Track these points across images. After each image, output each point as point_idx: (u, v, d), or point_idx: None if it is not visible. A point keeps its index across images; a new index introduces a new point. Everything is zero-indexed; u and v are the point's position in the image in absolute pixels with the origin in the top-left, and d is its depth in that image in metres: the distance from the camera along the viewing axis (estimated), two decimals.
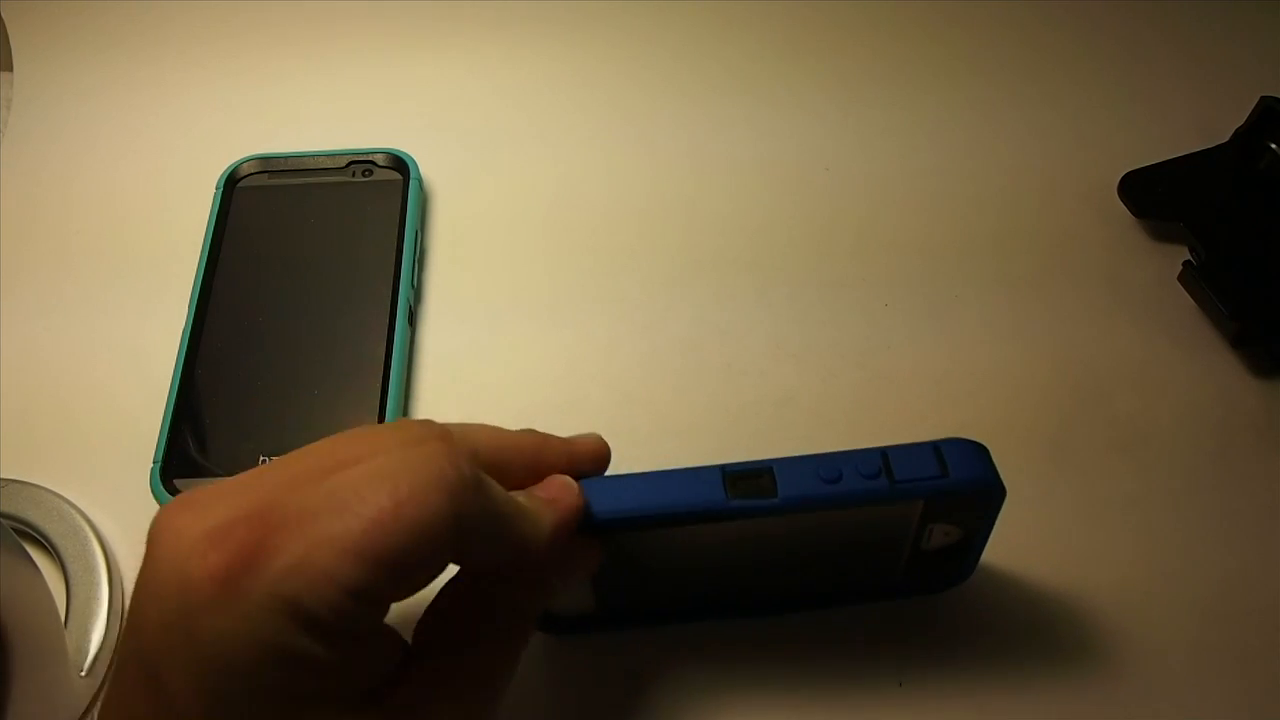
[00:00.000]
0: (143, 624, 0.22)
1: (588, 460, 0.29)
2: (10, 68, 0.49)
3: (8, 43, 0.49)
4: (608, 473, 0.29)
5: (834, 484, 0.27)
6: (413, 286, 0.40)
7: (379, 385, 0.37)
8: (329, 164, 0.43)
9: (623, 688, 0.32)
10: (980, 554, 0.32)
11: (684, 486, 0.27)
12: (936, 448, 0.28)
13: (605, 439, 0.29)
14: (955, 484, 0.27)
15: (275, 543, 0.21)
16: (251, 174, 0.43)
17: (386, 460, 0.23)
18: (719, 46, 0.50)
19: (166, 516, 0.23)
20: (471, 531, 0.23)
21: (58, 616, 0.32)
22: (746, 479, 0.27)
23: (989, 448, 0.29)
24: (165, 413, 0.37)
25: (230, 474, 0.35)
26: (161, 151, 0.46)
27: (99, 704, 0.23)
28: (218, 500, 0.22)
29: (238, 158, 0.43)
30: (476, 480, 0.24)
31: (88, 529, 0.35)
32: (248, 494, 0.22)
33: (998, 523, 0.30)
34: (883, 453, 0.27)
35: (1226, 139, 0.44)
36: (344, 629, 0.22)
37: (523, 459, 0.27)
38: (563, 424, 0.30)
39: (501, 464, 0.26)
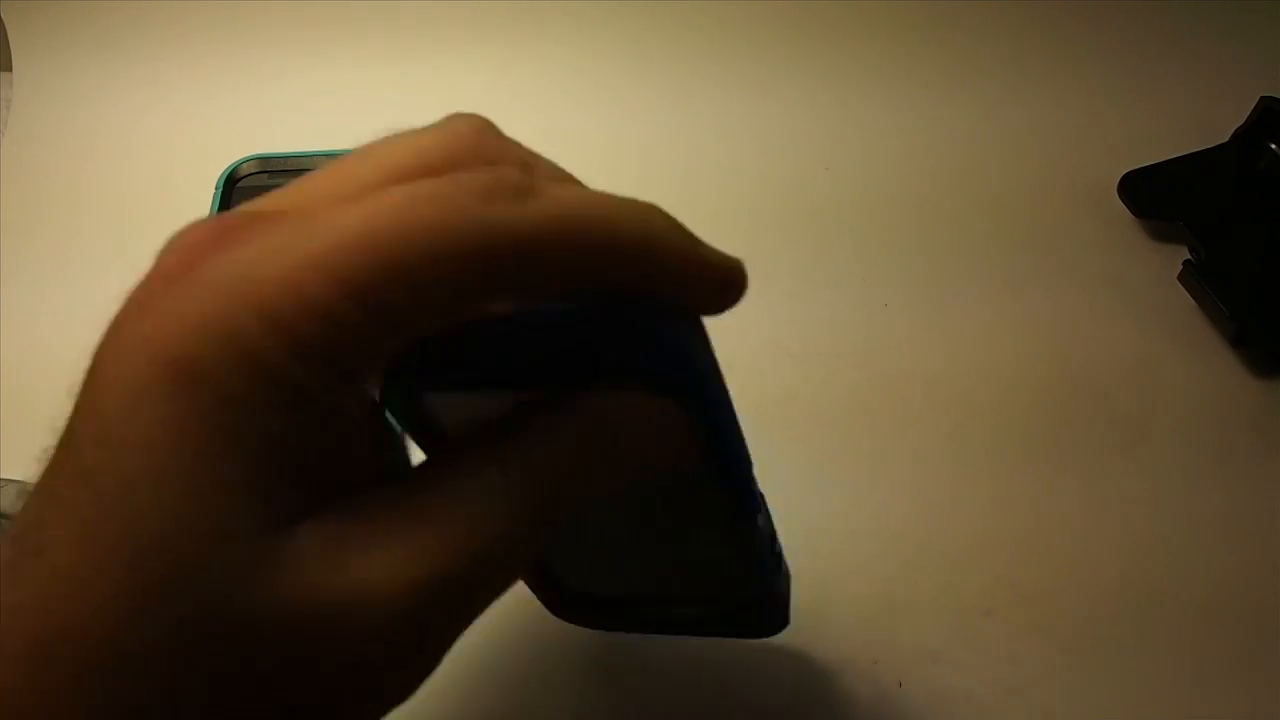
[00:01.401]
0: (101, 335, 0.19)
1: (712, 286, 0.21)
2: (10, 68, 0.49)
3: (8, 43, 0.49)
4: None
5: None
6: None
7: None
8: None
9: (621, 686, 0.32)
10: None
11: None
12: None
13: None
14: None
15: (262, 231, 0.18)
16: (251, 174, 0.43)
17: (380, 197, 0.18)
18: (718, 46, 0.50)
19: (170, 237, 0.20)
20: (517, 243, 0.18)
21: None
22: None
23: (989, 447, 0.28)
24: None
25: None
26: (161, 151, 0.46)
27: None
28: (225, 214, 0.20)
29: (238, 158, 0.43)
30: (526, 185, 0.19)
31: None
32: (255, 203, 0.20)
33: (997, 523, 0.30)
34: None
35: (1226, 139, 0.43)
36: (326, 340, 0.17)
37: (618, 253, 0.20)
38: None
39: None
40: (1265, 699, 0.32)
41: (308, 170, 0.47)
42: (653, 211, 0.21)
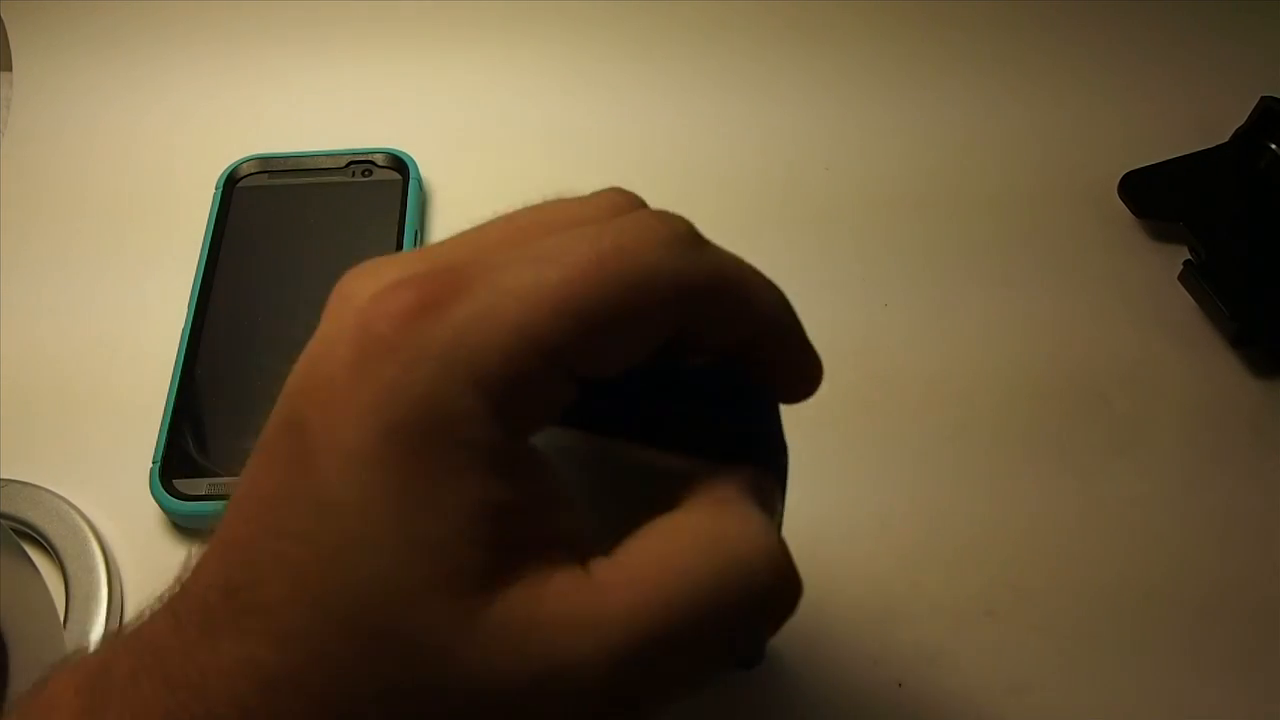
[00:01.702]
0: (300, 384, 0.19)
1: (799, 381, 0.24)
2: (10, 68, 0.49)
3: (8, 43, 0.49)
4: None
5: None
6: None
7: None
8: (329, 164, 0.43)
9: None
10: None
11: None
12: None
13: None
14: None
15: (463, 291, 0.18)
16: (251, 174, 0.43)
17: (593, 225, 0.20)
18: (718, 46, 0.49)
19: (346, 280, 0.20)
20: (695, 291, 0.20)
21: (57, 617, 0.32)
22: None
23: (988, 447, 0.28)
24: (165, 413, 0.37)
25: (231, 474, 0.35)
26: (161, 151, 0.46)
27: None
28: (402, 261, 0.20)
29: (238, 158, 0.43)
30: (697, 237, 0.20)
31: (87, 529, 0.35)
32: (435, 253, 0.20)
33: (997, 523, 0.30)
34: None
35: (1226, 139, 0.43)
36: (524, 402, 0.18)
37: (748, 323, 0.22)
38: None
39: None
40: (1265, 699, 0.32)
41: (308, 170, 0.47)
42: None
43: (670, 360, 0.21)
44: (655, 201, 0.22)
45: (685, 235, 0.20)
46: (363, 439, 0.18)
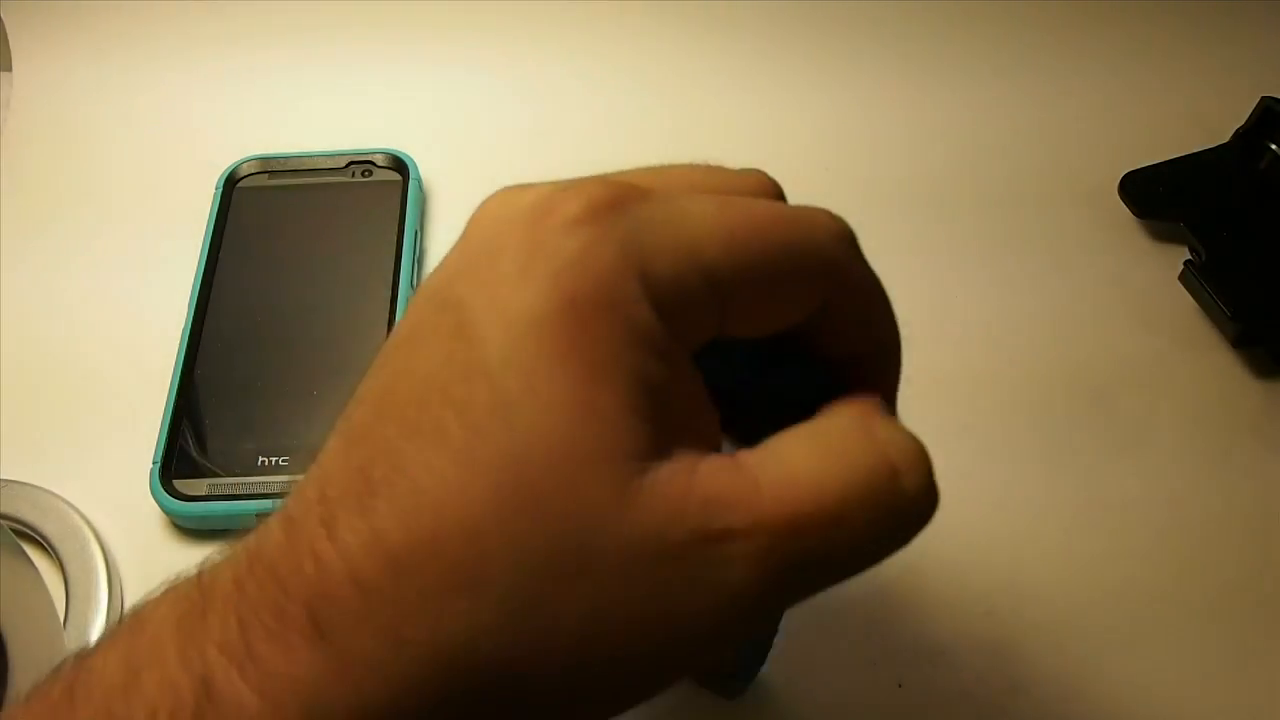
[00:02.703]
0: (451, 273, 0.19)
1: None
2: (10, 68, 0.49)
3: (8, 43, 0.49)
4: None
5: None
6: (412, 287, 0.40)
7: None
8: (329, 164, 0.43)
9: None
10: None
11: None
12: None
13: None
14: None
15: (645, 200, 0.19)
16: (251, 174, 0.43)
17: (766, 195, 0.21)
18: (717, 46, 0.50)
19: (494, 197, 0.20)
20: (849, 283, 0.21)
21: (56, 617, 0.32)
22: None
23: (988, 447, 0.28)
24: (165, 413, 0.37)
25: (231, 474, 0.35)
26: (161, 151, 0.46)
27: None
28: (561, 183, 0.20)
29: (238, 158, 0.43)
30: (857, 243, 0.22)
31: (87, 530, 0.35)
32: (597, 179, 0.20)
33: (997, 523, 0.30)
34: None
35: (1227, 139, 0.43)
36: (679, 314, 0.19)
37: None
38: None
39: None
40: (1266, 699, 0.32)
41: (308, 170, 0.47)
42: None
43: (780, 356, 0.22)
44: None
45: (851, 236, 0.22)
46: (533, 305, 0.18)
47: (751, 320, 0.20)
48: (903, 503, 0.20)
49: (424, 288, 0.20)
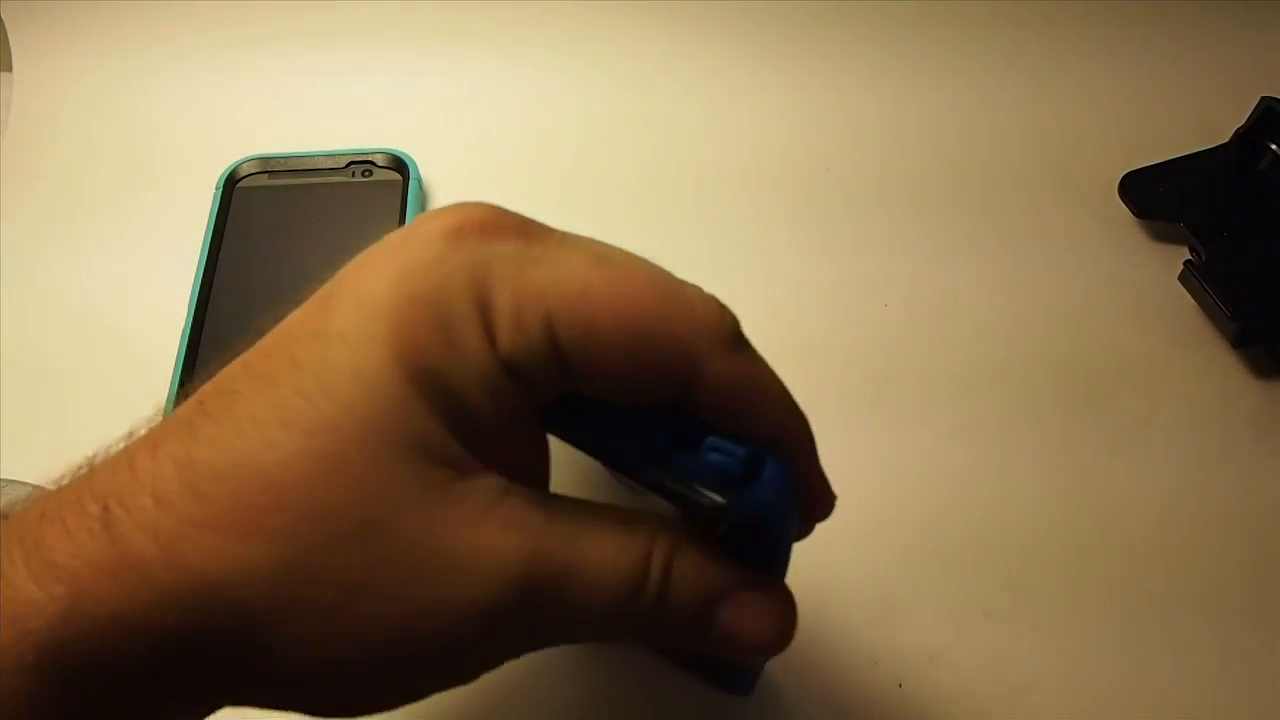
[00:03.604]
0: (349, 263, 0.21)
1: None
2: (10, 68, 0.49)
3: (8, 43, 0.49)
4: None
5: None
6: None
7: None
8: (329, 164, 0.43)
9: (620, 683, 0.32)
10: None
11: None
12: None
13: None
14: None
15: (532, 238, 0.20)
16: (251, 174, 0.43)
17: (659, 267, 0.21)
18: (717, 47, 0.49)
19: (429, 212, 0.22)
20: (716, 377, 0.21)
21: None
22: None
23: (988, 447, 0.28)
24: (165, 413, 0.36)
25: None
26: (161, 151, 0.46)
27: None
28: (474, 204, 0.21)
29: (238, 158, 0.43)
30: (741, 335, 0.22)
31: None
32: (493, 206, 0.21)
33: (997, 523, 0.30)
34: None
35: (1227, 139, 0.43)
36: (519, 361, 0.19)
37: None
38: None
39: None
40: (1265, 699, 0.32)
41: (308, 170, 0.46)
42: None
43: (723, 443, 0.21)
44: (655, 201, 0.22)
45: (729, 333, 0.21)
46: (378, 291, 0.19)
47: (604, 389, 0.20)
48: (641, 604, 0.21)
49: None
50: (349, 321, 0.19)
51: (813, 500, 0.24)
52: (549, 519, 0.20)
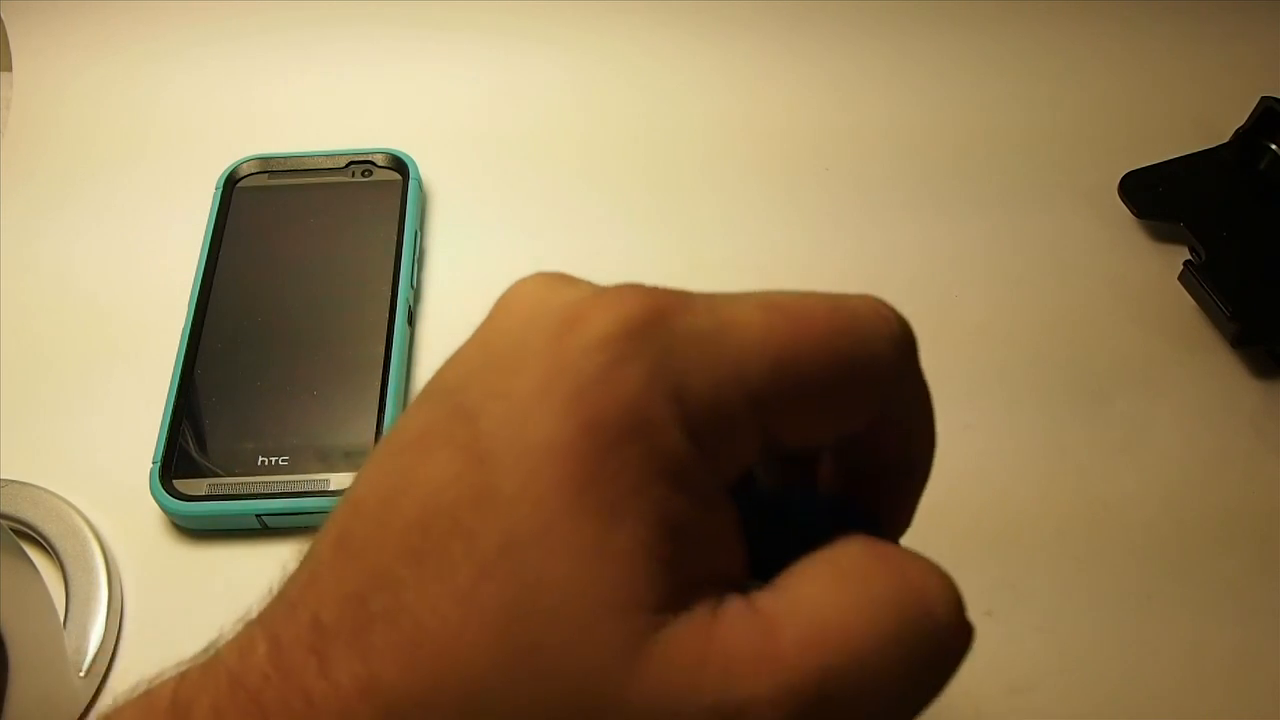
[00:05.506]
0: (468, 377, 0.18)
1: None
2: (10, 68, 0.49)
3: (8, 43, 0.49)
4: None
5: None
6: (412, 286, 0.40)
7: (379, 385, 0.37)
8: (329, 164, 0.43)
9: None
10: None
11: None
12: None
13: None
14: None
15: (686, 310, 0.17)
16: (251, 174, 0.43)
17: (823, 294, 0.19)
18: (718, 48, 0.49)
19: (523, 284, 0.19)
20: (904, 396, 0.20)
21: (56, 617, 0.32)
22: None
23: (987, 447, 0.28)
24: (165, 413, 0.37)
25: (230, 474, 0.35)
26: (161, 151, 0.46)
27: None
28: (594, 285, 0.18)
29: (238, 158, 0.43)
30: (916, 345, 0.20)
31: (87, 530, 0.35)
32: (634, 287, 0.18)
33: (997, 522, 0.30)
34: None
35: (1227, 139, 0.43)
36: (716, 439, 0.17)
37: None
38: None
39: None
40: (1266, 699, 0.32)
41: (308, 170, 0.46)
42: None
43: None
44: (655, 202, 0.22)
45: (911, 341, 0.19)
46: (551, 430, 0.16)
47: (798, 438, 0.18)
48: (937, 637, 0.18)
49: (437, 383, 0.18)
50: (520, 475, 0.16)
51: (902, 524, 0.23)
52: (777, 621, 0.17)
